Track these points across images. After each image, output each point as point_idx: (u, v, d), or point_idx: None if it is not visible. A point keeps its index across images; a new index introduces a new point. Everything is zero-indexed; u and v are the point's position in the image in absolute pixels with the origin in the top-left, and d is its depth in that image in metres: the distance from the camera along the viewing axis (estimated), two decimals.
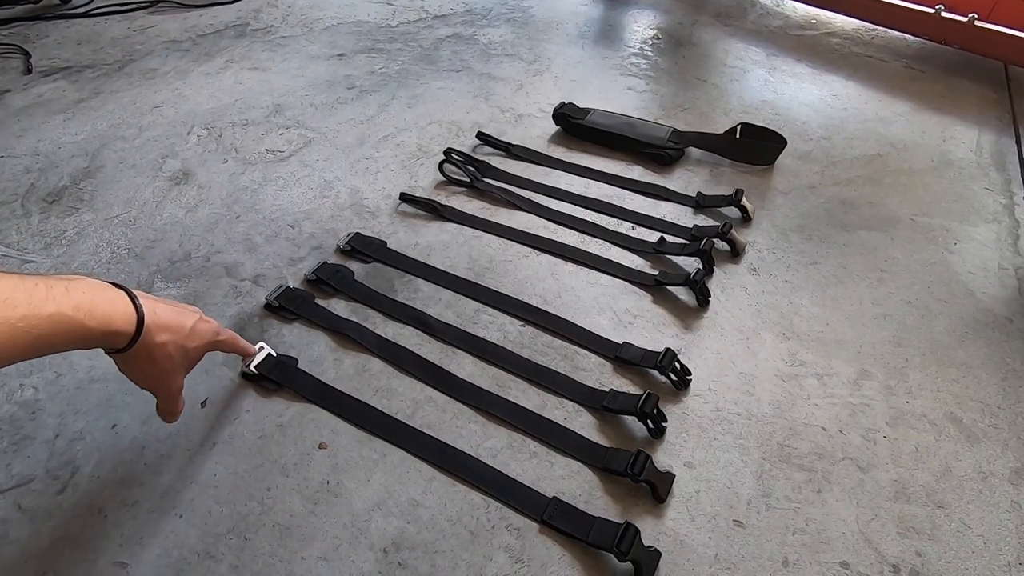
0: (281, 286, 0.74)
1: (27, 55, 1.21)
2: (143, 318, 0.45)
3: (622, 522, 0.52)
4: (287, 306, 0.72)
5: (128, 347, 0.45)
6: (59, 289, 0.39)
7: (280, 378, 0.64)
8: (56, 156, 0.96)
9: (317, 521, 0.54)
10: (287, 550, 0.52)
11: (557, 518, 0.54)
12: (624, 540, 0.51)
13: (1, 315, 0.36)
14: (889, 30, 1.33)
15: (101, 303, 0.42)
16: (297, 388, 0.64)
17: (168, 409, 0.54)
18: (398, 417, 0.62)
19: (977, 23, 1.13)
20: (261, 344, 0.66)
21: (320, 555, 0.52)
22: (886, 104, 1.14)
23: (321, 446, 0.60)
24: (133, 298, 0.45)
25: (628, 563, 0.50)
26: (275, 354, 0.66)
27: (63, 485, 0.56)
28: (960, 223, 0.88)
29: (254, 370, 0.64)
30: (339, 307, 0.74)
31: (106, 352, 0.47)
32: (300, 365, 0.67)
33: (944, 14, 1.16)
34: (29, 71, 1.17)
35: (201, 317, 0.52)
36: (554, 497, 0.56)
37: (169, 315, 0.48)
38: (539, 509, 0.55)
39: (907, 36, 1.31)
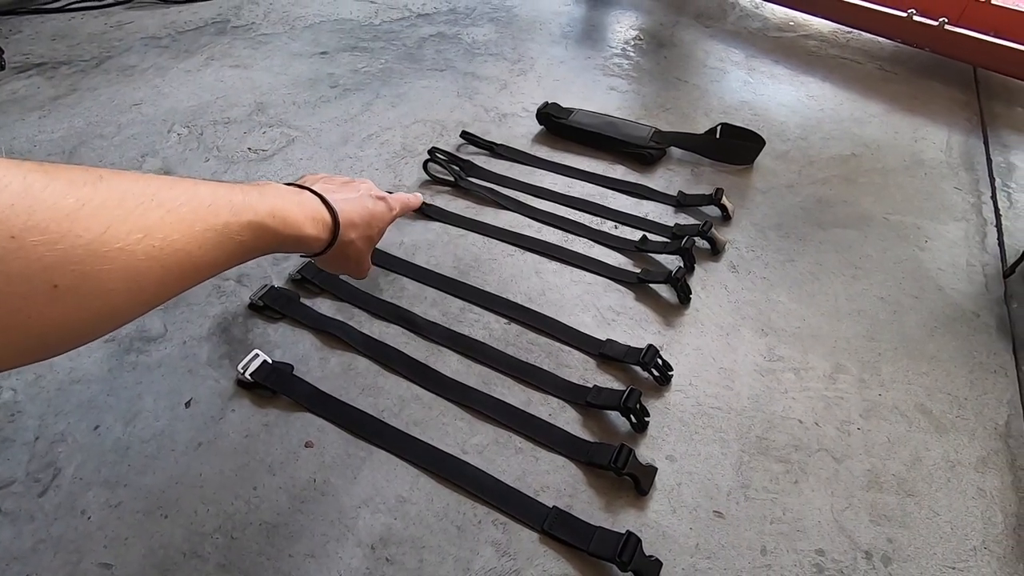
0: (265, 285, 0.73)
1: (0, 51, 1.18)
2: (338, 222, 0.45)
3: (623, 532, 0.53)
4: (272, 305, 0.72)
5: (323, 252, 0.46)
6: (254, 195, 0.38)
7: (275, 385, 0.64)
8: (32, 154, 0.94)
9: (304, 519, 0.55)
10: (274, 548, 0.53)
11: (557, 528, 0.54)
12: (626, 550, 0.51)
13: (208, 222, 0.34)
14: (864, 33, 1.36)
15: (292, 208, 0.41)
16: (294, 396, 0.64)
17: (361, 278, 0.57)
18: (384, 416, 0.63)
19: (947, 27, 1.17)
20: (256, 351, 0.65)
21: (308, 552, 0.53)
22: (861, 105, 1.17)
23: (308, 444, 0.60)
24: (325, 202, 0.45)
25: (629, 573, 0.51)
26: (270, 360, 0.65)
27: (44, 487, 0.56)
28: (931, 221, 0.90)
29: (249, 377, 0.63)
30: (324, 306, 0.74)
31: None
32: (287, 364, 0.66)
33: (916, 18, 1.20)
34: (2, 67, 1.14)
35: (374, 197, 0.52)
36: (554, 507, 0.56)
37: (355, 212, 0.48)
38: (539, 519, 0.55)
39: (881, 39, 1.34)
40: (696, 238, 0.81)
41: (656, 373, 0.66)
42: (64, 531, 0.53)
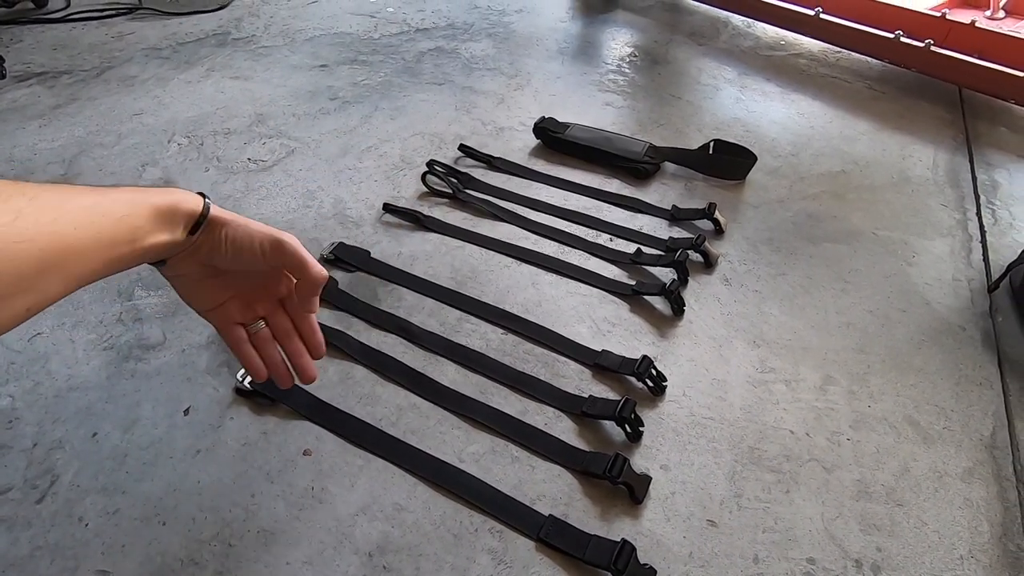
0: None
1: (0, 60, 1.19)
2: (208, 201, 0.43)
3: (619, 540, 0.54)
4: None
5: (195, 229, 0.42)
6: (127, 187, 0.39)
7: (274, 393, 0.64)
8: (32, 162, 0.95)
9: (302, 526, 0.55)
10: (272, 555, 0.53)
11: (554, 536, 0.55)
12: (621, 558, 0.52)
13: (76, 201, 0.34)
14: (853, 53, 1.40)
15: (167, 190, 0.41)
16: (292, 404, 0.64)
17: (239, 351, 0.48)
18: (382, 424, 0.63)
19: (933, 48, 1.20)
20: None
21: (305, 559, 0.53)
22: (850, 123, 1.19)
23: (306, 452, 0.61)
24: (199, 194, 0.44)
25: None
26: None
27: (42, 494, 0.56)
28: (918, 237, 0.92)
29: (248, 385, 0.64)
30: (322, 315, 0.74)
31: (164, 274, 0.44)
32: None
33: (903, 39, 1.23)
34: (3, 76, 1.15)
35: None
36: (550, 515, 0.57)
37: (224, 212, 0.45)
38: (535, 527, 0.56)
39: (869, 59, 1.38)
40: (690, 251, 0.83)
41: (650, 384, 0.67)
42: (61, 538, 0.53)
